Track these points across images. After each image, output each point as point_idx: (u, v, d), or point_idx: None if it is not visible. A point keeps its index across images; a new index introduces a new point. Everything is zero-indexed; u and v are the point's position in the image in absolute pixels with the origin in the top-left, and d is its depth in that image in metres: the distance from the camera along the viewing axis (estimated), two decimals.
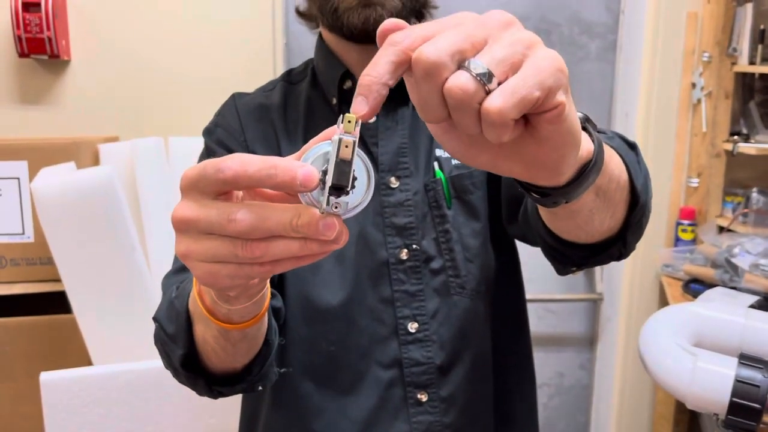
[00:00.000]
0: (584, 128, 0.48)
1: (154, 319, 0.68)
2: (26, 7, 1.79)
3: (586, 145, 0.47)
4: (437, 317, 0.82)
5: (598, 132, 0.65)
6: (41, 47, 1.81)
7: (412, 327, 0.82)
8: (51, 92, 1.92)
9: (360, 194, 0.40)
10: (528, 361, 0.94)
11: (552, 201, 0.48)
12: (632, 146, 0.68)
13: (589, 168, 0.47)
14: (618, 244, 0.65)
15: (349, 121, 0.38)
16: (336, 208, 0.39)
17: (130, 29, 1.92)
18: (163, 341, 0.66)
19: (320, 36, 0.89)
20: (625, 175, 0.60)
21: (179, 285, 0.69)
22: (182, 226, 0.43)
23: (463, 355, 0.83)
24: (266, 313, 0.57)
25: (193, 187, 0.42)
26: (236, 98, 0.90)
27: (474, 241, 0.84)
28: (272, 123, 0.86)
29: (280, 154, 0.83)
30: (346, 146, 0.38)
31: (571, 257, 0.68)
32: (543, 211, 0.59)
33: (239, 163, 0.39)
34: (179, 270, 0.77)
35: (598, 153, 0.48)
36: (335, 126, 0.40)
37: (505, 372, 0.89)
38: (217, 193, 0.41)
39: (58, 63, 1.91)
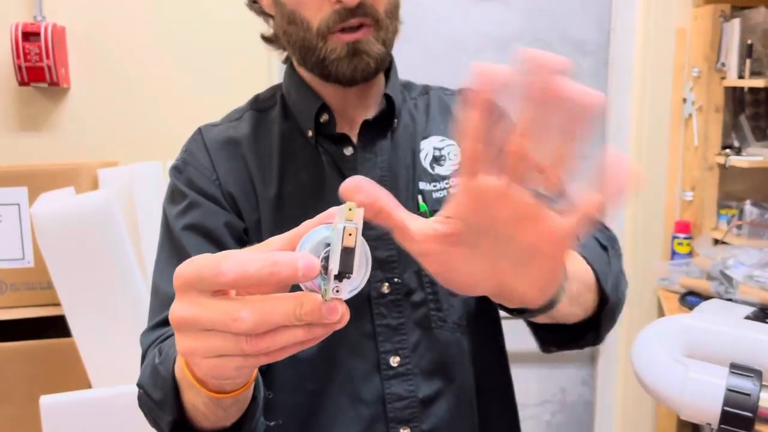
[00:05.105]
0: None
1: (138, 385, 0.66)
2: (26, 36, 1.82)
3: None
4: (418, 350, 0.81)
5: None
6: (41, 75, 1.85)
7: (394, 361, 0.80)
8: (50, 119, 1.95)
9: (360, 276, 0.41)
10: (509, 389, 0.93)
11: (528, 315, 0.54)
12: (604, 247, 0.74)
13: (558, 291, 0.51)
14: (592, 334, 0.72)
15: (350, 209, 0.39)
16: (337, 291, 0.40)
17: (127, 57, 1.96)
18: (149, 407, 0.64)
19: (290, 65, 0.87)
20: (592, 278, 0.66)
21: (160, 345, 0.68)
22: (182, 326, 0.42)
23: (445, 388, 0.82)
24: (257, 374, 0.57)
25: (189, 287, 0.41)
26: (203, 132, 0.85)
27: None
28: (244, 159, 0.82)
29: (254, 191, 0.81)
30: (350, 234, 0.39)
31: (550, 339, 0.74)
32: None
33: (238, 264, 0.39)
34: (157, 325, 0.75)
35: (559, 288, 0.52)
36: (331, 210, 0.41)
37: (487, 402, 0.88)
38: (215, 292, 0.41)
39: (58, 90, 1.94)
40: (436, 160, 0.84)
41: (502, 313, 0.93)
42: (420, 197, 0.82)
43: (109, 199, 1.49)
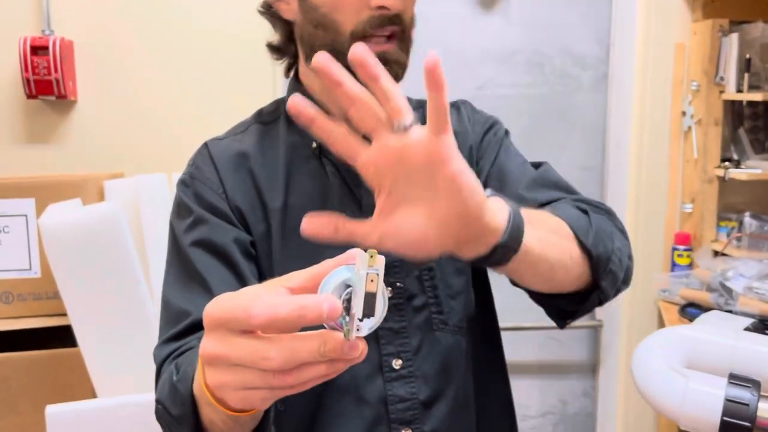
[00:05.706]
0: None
1: (157, 400, 0.69)
2: (34, 50, 1.85)
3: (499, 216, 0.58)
4: (420, 353, 0.83)
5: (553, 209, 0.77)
6: (49, 88, 1.87)
7: (396, 363, 0.82)
8: (58, 131, 1.97)
9: (378, 315, 0.44)
10: (507, 393, 0.95)
11: (492, 261, 0.59)
12: (584, 211, 0.78)
13: (506, 231, 0.57)
14: (596, 292, 0.75)
15: (372, 256, 0.44)
16: (358, 330, 0.44)
17: (134, 70, 1.98)
18: (167, 422, 0.67)
19: (295, 76, 0.88)
20: (566, 228, 0.71)
21: (176, 361, 0.70)
22: (213, 362, 0.46)
23: (446, 390, 0.84)
24: None
25: (219, 326, 0.45)
26: (209, 146, 0.86)
27: (457, 279, 0.86)
28: (251, 171, 0.84)
29: (262, 203, 0.82)
30: (372, 280, 0.43)
31: (560, 308, 0.78)
32: (507, 272, 0.66)
33: (269, 308, 0.42)
34: (170, 339, 0.76)
35: (514, 220, 0.58)
36: (350, 252, 0.45)
37: (486, 405, 0.90)
38: (243, 331, 0.44)
39: (65, 103, 1.96)
40: None
41: (502, 324, 0.95)
42: None
43: (116, 211, 1.51)
